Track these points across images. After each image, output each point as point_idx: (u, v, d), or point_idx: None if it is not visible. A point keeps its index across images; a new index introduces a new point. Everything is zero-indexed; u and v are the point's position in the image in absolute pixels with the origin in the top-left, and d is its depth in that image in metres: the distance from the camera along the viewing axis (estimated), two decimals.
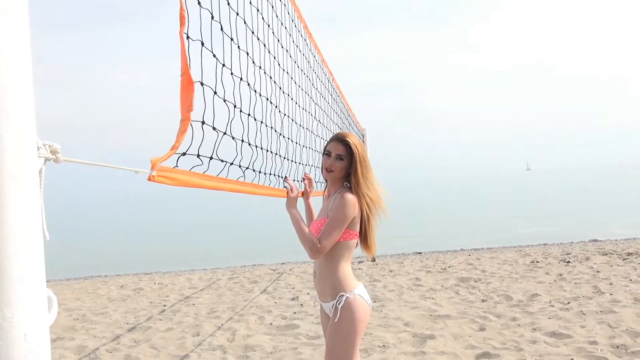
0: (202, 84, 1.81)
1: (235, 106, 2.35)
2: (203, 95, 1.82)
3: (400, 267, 9.67)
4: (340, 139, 2.69)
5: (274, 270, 10.54)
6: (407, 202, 41.32)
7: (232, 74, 2.29)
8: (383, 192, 2.78)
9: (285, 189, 2.83)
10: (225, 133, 2.18)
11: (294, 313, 6.48)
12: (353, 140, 2.68)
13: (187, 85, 1.62)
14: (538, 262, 9.15)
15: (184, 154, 1.64)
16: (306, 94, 4.04)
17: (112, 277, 11.87)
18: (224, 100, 2.17)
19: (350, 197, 2.60)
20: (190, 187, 1.63)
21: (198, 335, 5.79)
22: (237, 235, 24.90)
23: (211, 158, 1.93)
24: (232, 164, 2.23)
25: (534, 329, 5.19)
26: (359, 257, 10.84)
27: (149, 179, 1.38)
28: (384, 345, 4.95)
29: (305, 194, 3.13)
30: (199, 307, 7.26)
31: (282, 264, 11.93)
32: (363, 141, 11.07)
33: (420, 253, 12.47)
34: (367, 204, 2.66)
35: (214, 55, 2.04)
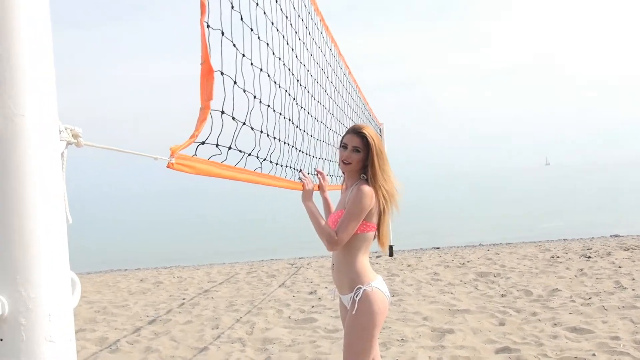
0: (222, 73, 1.80)
1: (255, 97, 2.34)
2: (223, 85, 1.81)
3: (419, 261, 9.63)
4: (356, 131, 2.67)
5: (292, 264, 10.57)
6: (425, 198, 41.12)
7: (252, 64, 2.28)
8: (398, 185, 2.77)
9: (300, 181, 2.83)
10: (244, 123, 2.17)
11: (312, 307, 6.49)
12: (369, 132, 2.66)
13: (207, 73, 1.62)
14: (558, 257, 9.04)
15: (203, 142, 1.64)
16: (321, 87, 4.02)
17: (132, 271, 12.00)
18: (244, 91, 2.16)
19: (367, 189, 2.59)
20: (208, 176, 1.63)
21: (217, 328, 5.83)
22: (255, 229, 25.01)
23: (230, 148, 1.92)
24: (250, 154, 2.23)
25: (555, 324, 5.13)
26: (376, 252, 10.81)
27: (168, 167, 1.38)
28: (402, 339, 4.93)
29: (320, 188, 3.12)
30: (218, 301, 7.31)
31: (299, 258, 11.95)
32: (380, 136, 11.04)
33: (438, 248, 12.40)
34: (383, 196, 2.64)
35: (234, 45, 2.03)
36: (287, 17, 2.97)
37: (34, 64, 0.83)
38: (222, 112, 1.82)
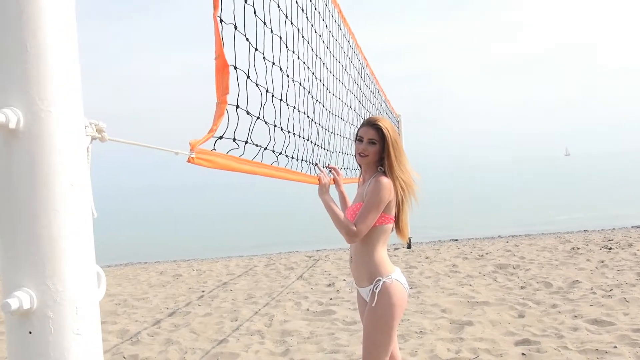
0: (235, 67, 1.80)
1: (267, 91, 2.34)
2: (237, 79, 1.81)
3: (437, 253, 9.59)
4: (371, 123, 2.67)
5: (310, 257, 10.60)
6: (443, 189, 40.88)
7: (264, 58, 2.28)
8: (416, 176, 2.76)
9: (317, 175, 2.83)
10: (258, 117, 2.18)
11: (330, 299, 6.51)
12: (384, 123, 2.65)
13: (222, 68, 1.62)
14: (578, 248, 8.94)
15: (221, 137, 1.65)
16: (337, 80, 4.01)
17: (152, 264, 12.13)
18: (257, 85, 2.16)
19: (386, 181, 2.58)
20: (227, 171, 1.64)
21: (236, 320, 5.88)
22: (272, 222, 25.10)
23: (246, 142, 1.93)
24: (266, 148, 2.23)
25: (575, 316, 5.08)
26: (394, 244, 10.80)
27: (188, 161, 1.39)
28: (421, 332, 4.93)
29: (336, 182, 3.13)
30: (237, 293, 7.36)
31: (317, 250, 11.97)
32: (398, 126, 10.99)
33: (456, 240, 12.34)
34: (401, 187, 2.64)
35: (247, 39, 2.03)
36: (302, 10, 2.96)
37: (61, 61, 0.85)
38: (237, 107, 1.82)
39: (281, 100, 2.65)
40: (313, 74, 3.28)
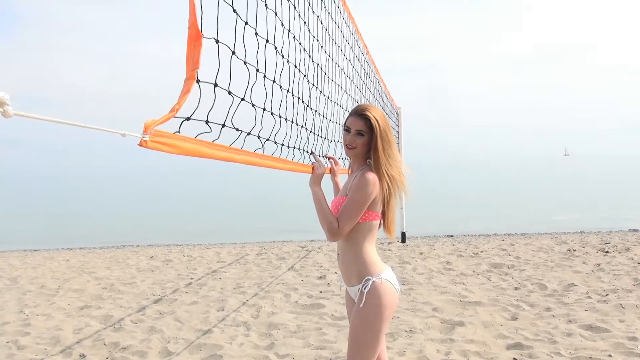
0: (217, 41, 1.61)
1: (257, 70, 2.15)
2: (218, 55, 1.62)
3: (431, 250, 9.45)
4: (359, 113, 2.48)
5: (303, 247, 10.46)
6: (441, 185, 40.79)
7: (256, 34, 2.08)
8: (406, 169, 2.59)
9: (311, 164, 2.67)
10: (242, 99, 1.99)
11: (320, 292, 6.37)
12: (373, 113, 2.46)
13: (194, 39, 1.43)
14: (575, 250, 8.80)
15: (188, 118, 1.46)
16: (337, 65, 3.82)
17: (143, 247, 12.01)
18: (245, 63, 1.98)
19: (371, 177, 2.41)
20: (196, 157, 1.46)
21: (223, 310, 5.74)
22: (268, 210, 24.97)
23: (223, 125, 1.74)
24: (249, 133, 2.05)
25: (569, 320, 4.95)
26: (388, 238, 10.65)
27: (140, 145, 1.20)
28: (410, 330, 4.79)
29: (332, 172, 2.97)
30: (226, 282, 7.23)
31: (311, 241, 11.84)
32: (397, 120, 10.80)
33: (452, 236, 12.22)
34: (387, 182, 2.46)
35: (234, 11, 1.83)
36: None
37: None
38: (215, 85, 1.64)
39: (274, 82, 2.46)
40: (309, 56, 3.09)
